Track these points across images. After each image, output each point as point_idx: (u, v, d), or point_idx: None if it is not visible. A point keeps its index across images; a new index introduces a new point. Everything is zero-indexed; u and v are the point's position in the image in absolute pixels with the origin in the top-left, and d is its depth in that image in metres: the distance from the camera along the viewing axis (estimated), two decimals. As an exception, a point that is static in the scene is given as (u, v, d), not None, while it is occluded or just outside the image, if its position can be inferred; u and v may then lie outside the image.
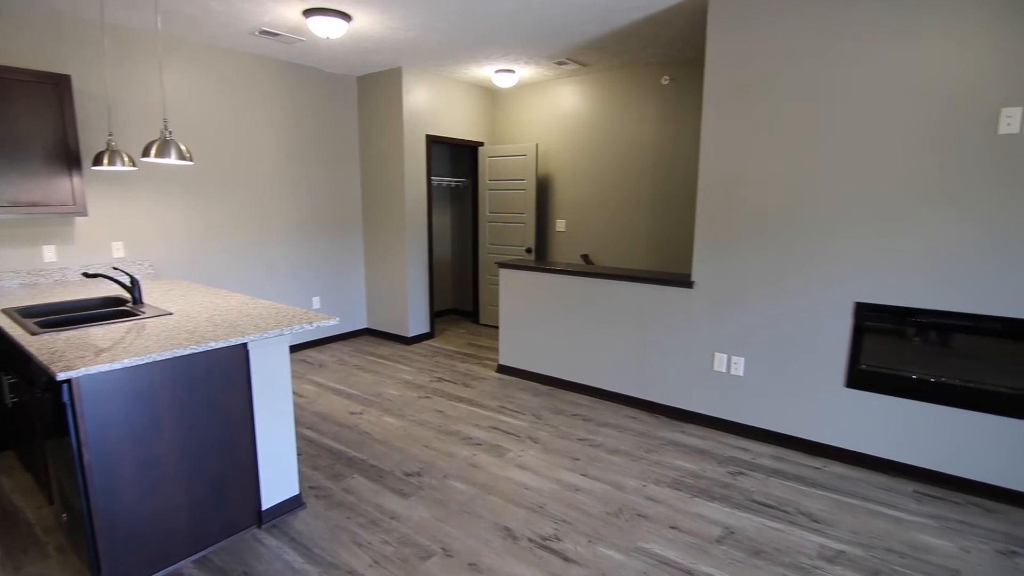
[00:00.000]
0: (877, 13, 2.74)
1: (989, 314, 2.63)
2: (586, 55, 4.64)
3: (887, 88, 2.75)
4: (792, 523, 2.51)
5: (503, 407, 3.85)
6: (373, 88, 5.30)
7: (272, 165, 4.84)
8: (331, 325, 5.24)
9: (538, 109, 5.71)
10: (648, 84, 4.96)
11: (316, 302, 5.32)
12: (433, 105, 5.39)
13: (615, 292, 3.82)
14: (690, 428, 3.52)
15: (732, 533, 2.43)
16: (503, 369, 4.57)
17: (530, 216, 5.63)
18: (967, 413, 2.74)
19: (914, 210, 2.75)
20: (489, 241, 6.03)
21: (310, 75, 5.03)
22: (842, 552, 2.31)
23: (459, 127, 5.72)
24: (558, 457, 3.12)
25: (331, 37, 3.91)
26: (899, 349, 2.91)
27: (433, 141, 5.48)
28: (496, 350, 5.27)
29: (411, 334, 5.46)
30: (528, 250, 5.70)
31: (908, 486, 2.84)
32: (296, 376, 4.49)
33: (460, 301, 6.88)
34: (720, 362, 3.42)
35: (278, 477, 2.53)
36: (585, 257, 5.53)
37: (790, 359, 3.19)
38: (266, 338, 2.32)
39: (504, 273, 4.43)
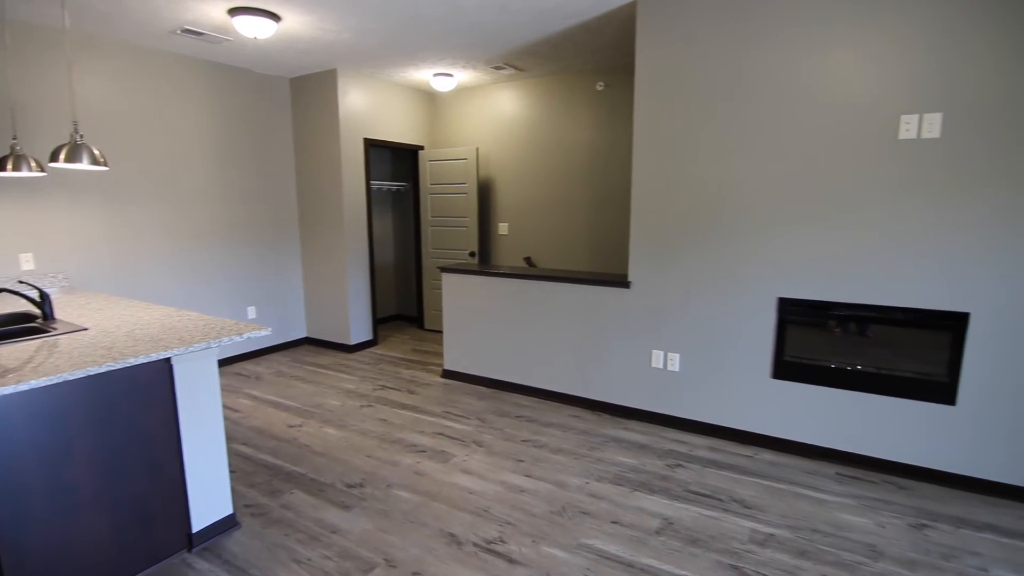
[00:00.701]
0: (791, 27, 2.91)
1: (895, 305, 2.85)
2: (523, 60, 4.70)
3: (802, 97, 2.93)
4: (726, 510, 2.62)
5: (448, 412, 3.83)
6: (307, 90, 5.16)
7: (201, 170, 4.62)
8: (267, 335, 5.07)
9: (478, 113, 5.72)
10: (584, 90, 5.07)
11: (251, 312, 5.12)
12: (371, 108, 5.30)
13: (556, 294, 3.88)
14: (632, 424, 3.62)
15: (670, 524, 2.51)
16: (448, 374, 4.54)
17: (472, 220, 5.63)
18: (880, 398, 2.95)
19: (828, 211, 2.94)
20: (432, 245, 5.98)
21: (240, 76, 4.84)
22: (772, 535, 2.43)
23: (398, 131, 5.66)
24: (503, 459, 3.13)
25: (259, 37, 3.78)
26: (820, 340, 3.09)
27: (372, 145, 5.39)
28: (441, 355, 5.23)
29: (353, 342, 5.34)
30: (471, 254, 5.69)
31: (831, 469, 3.03)
32: (230, 390, 4.30)
33: (404, 307, 6.79)
34: (657, 359, 3.54)
35: (209, 497, 2.41)
36: (528, 260, 5.58)
37: (722, 353, 3.33)
38: (192, 352, 2.22)
39: (447, 278, 4.41)
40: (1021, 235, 2.55)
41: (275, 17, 3.58)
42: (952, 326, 2.74)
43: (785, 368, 3.16)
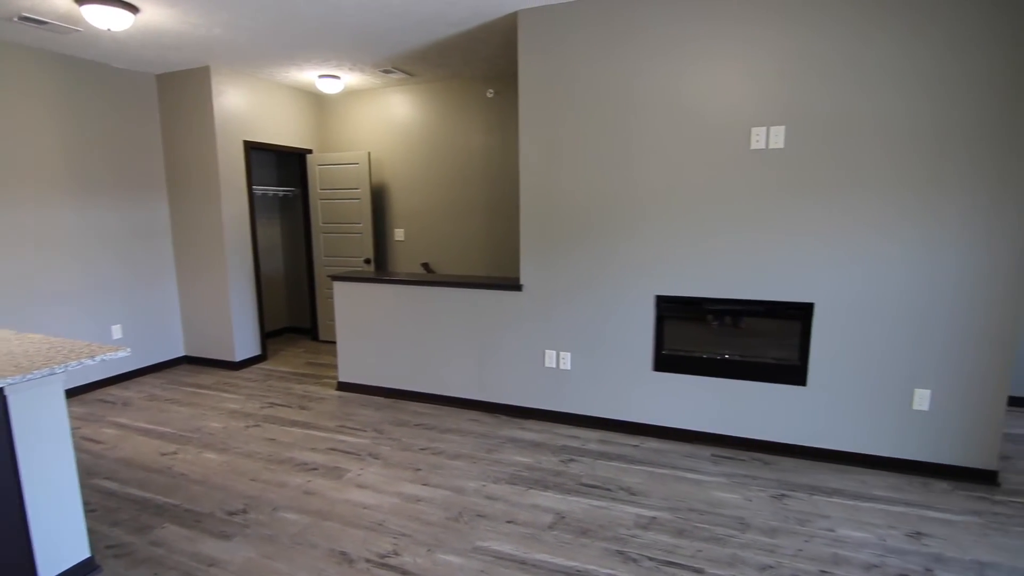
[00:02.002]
0: (659, 47, 3.13)
1: (756, 299, 3.15)
2: (411, 65, 4.66)
3: (670, 110, 3.17)
4: (614, 499, 2.76)
5: (343, 426, 3.69)
6: (177, 88, 4.77)
7: (49, 173, 4.11)
8: (134, 356, 4.62)
9: (369, 116, 5.59)
10: (475, 96, 5.13)
11: (117, 331, 4.63)
12: (252, 109, 5.00)
13: (452, 299, 3.88)
14: (528, 424, 3.70)
15: (563, 518, 2.60)
16: (343, 386, 4.39)
17: (367, 226, 5.49)
18: (747, 383, 3.24)
19: (695, 214, 3.20)
20: (325, 253, 5.75)
21: (95, 70, 4.37)
22: (654, 518, 2.60)
23: (284, 133, 5.38)
24: (400, 470, 3.08)
25: (114, 29, 3.43)
26: (696, 333, 3.35)
27: (253, 147, 5.09)
28: (337, 367, 5.04)
29: (239, 358, 5.00)
30: (367, 260, 5.54)
31: (707, 451, 3.29)
32: (92, 419, 3.86)
33: (297, 318, 6.46)
34: (550, 358, 3.65)
35: (60, 542, 2.14)
36: (426, 266, 5.53)
37: (608, 350, 3.50)
38: (31, 380, 1.96)
39: (338, 286, 4.26)
40: (853, 233, 2.92)
41: (132, 8, 3.28)
42: (801, 315, 3.08)
43: (664, 361, 3.39)
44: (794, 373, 3.13)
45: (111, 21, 3.25)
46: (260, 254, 6.08)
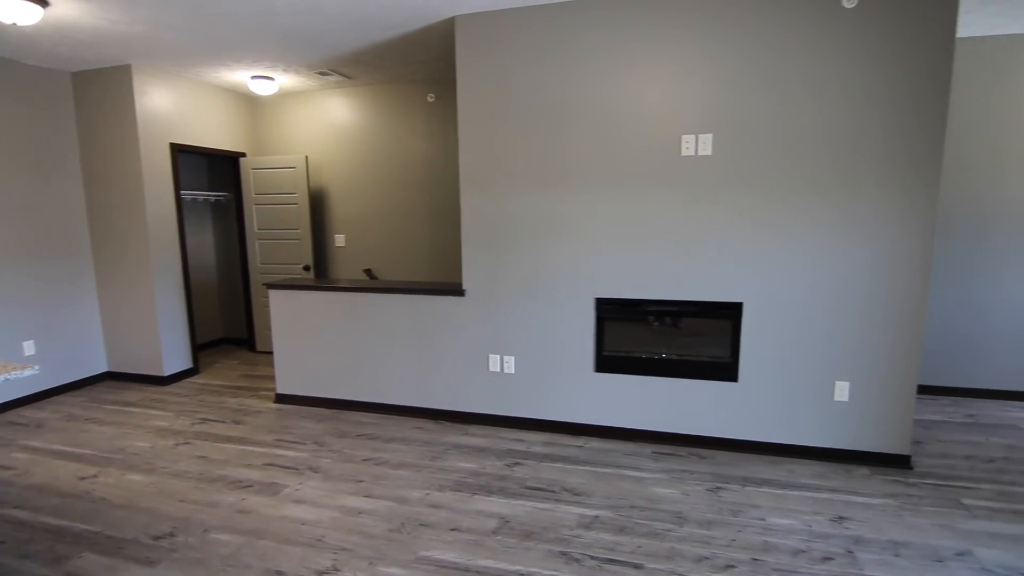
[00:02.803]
0: (595, 56, 3.20)
1: (690, 299, 3.27)
2: (349, 68, 4.57)
3: (607, 118, 3.24)
4: (558, 500, 2.79)
5: (280, 440, 3.56)
6: (95, 87, 4.48)
7: (-57, 179, 3.77)
8: (48, 374, 4.31)
9: (306, 119, 5.44)
10: (416, 100, 5.08)
11: (29, 347, 4.29)
12: (179, 110, 4.76)
13: (394, 305, 3.82)
14: (473, 429, 3.68)
15: (507, 522, 2.60)
16: (282, 398, 4.23)
17: (305, 232, 5.33)
18: (684, 381, 3.36)
19: (631, 218, 3.28)
20: (261, 260, 5.54)
21: (2, 68, 4.05)
22: (597, 517, 2.64)
23: (215, 136, 5.16)
24: (341, 483, 2.99)
25: (20, 24, 3.19)
26: (635, 334, 3.44)
27: (181, 150, 4.85)
28: (275, 378, 4.86)
29: (168, 372, 4.73)
30: (306, 267, 5.38)
31: (648, 448, 3.37)
32: (1, 444, 3.56)
33: (232, 328, 6.19)
34: (494, 363, 3.65)
35: (-43, 581, 1.96)
36: (368, 272, 5.43)
37: (551, 352, 3.54)
38: (-81, 405, 1.79)
39: (275, 295, 4.11)
40: (776, 235, 3.08)
41: (41, 1, 3.07)
42: (731, 315, 3.22)
43: (605, 362, 3.46)
44: (726, 370, 3.27)
45: (17, 15, 3.03)
46: (191, 262, 5.80)
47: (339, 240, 5.50)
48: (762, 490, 2.88)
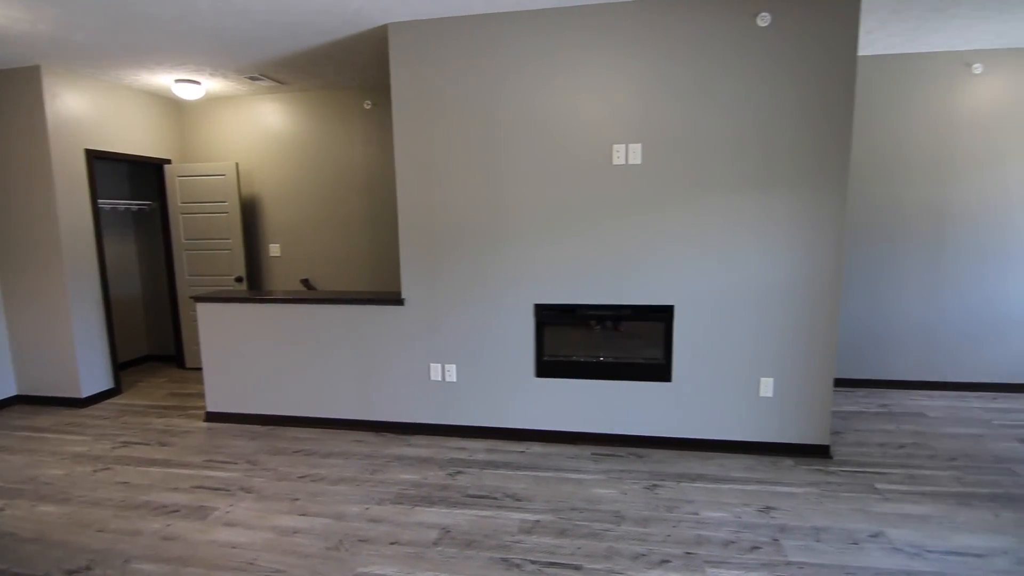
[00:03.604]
0: (528, 65, 3.26)
1: (625, 303, 3.37)
2: (281, 73, 4.44)
3: (541, 127, 3.30)
4: (500, 507, 2.80)
5: (211, 460, 3.40)
6: (-4, 90, 4.16)
7: None
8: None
9: (237, 125, 5.24)
10: (352, 106, 5.00)
11: (-79, 373, 3.91)
12: (96, 114, 4.49)
13: (332, 316, 3.73)
14: (416, 439, 3.64)
15: (448, 532, 2.59)
16: (212, 417, 4.04)
17: (237, 241, 5.12)
18: (622, 383, 3.44)
19: (567, 226, 3.35)
20: (189, 272, 5.28)
21: None
22: (538, 522, 2.66)
23: (136, 142, 4.89)
24: (275, 502, 2.89)
25: (-96, 19, 2.93)
26: (575, 338, 3.50)
27: (98, 157, 4.56)
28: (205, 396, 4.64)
29: (86, 393, 4.43)
30: (239, 279, 5.17)
31: (589, 451, 3.44)
32: None
33: (159, 344, 5.86)
34: (436, 372, 3.63)
35: None
36: (306, 282, 5.28)
37: (493, 359, 3.56)
38: None
39: (203, 308, 3.93)
40: (702, 240, 3.22)
41: (-72, -5, 2.83)
42: (663, 317, 3.34)
43: (545, 367, 3.50)
44: (660, 371, 3.38)
45: (-101, 9, 2.77)
46: (112, 275, 5.46)
47: (274, 250, 5.32)
48: (696, 485, 3.00)
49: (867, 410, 4.04)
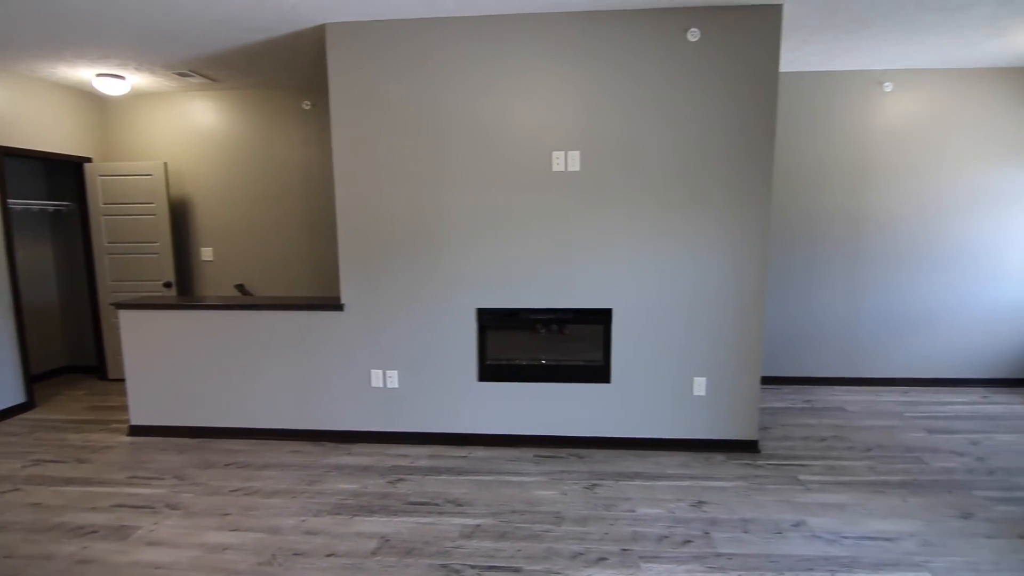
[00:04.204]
0: (470, 70, 3.27)
1: (566, 307, 3.43)
2: (213, 70, 4.27)
3: (482, 133, 3.32)
4: (440, 513, 2.78)
5: (134, 477, 3.21)
6: None
7: None
8: None
9: (166, 123, 4.99)
10: (291, 106, 4.87)
11: None
12: (6, 108, 4.17)
13: (268, 323, 3.61)
14: (356, 448, 3.57)
15: (387, 541, 2.55)
16: (137, 430, 3.82)
17: (166, 245, 4.87)
18: (563, 385, 3.50)
19: (508, 231, 3.38)
20: (112, 277, 4.98)
21: None
22: (479, 526, 2.67)
23: (53, 138, 4.57)
24: (204, 518, 2.76)
25: None
26: (515, 342, 3.53)
27: (8, 154, 4.24)
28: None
29: (-7, 409, 4.09)
30: (167, 284, 4.92)
31: (531, 453, 3.47)
32: None
33: (78, 355, 5.48)
34: (377, 378, 3.57)
35: None
36: (241, 287, 5.08)
37: (435, 365, 3.54)
38: None
39: (126, 315, 3.71)
40: (638, 245, 3.33)
41: None
42: (603, 320, 3.42)
43: (488, 371, 3.51)
44: (600, 372, 3.46)
45: None
46: (23, 280, 5.07)
47: (206, 254, 5.10)
48: (633, 483, 3.08)
49: (793, 406, 4.27)
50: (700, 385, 3.41)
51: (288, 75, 4.46)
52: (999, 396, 4.46)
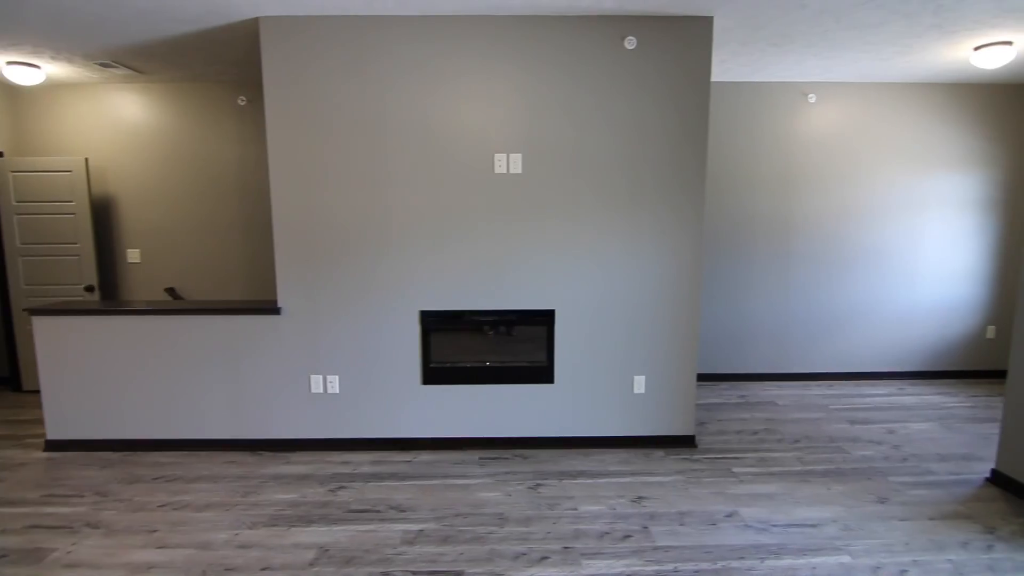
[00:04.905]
0: (408, 69, 3.23)
1: (509, 308, 3.44)
2: (138, 61, 4.04)
3: (426, 134, 3.29)
4: (382, 520, 2.74)
5: (50, 496, 3.00)
6: None
7: None
8: None
9: (88, 117, 4.68)
10: (226, 102, 4.67)
11: None
12: None
13: (200, 328, 3.45)
14: (296, 456, 3.46)
15: (326, 551, 2.49)
16: (54, 445, 3.56)
17: (87, 246, 4.57)
18: (507, 386, 3.52)
19: (451, 233, 3.37)
20: (26, 281, 4.63)
21: None
22: (421, 531, 2.64)
23: (-48, 131, 4.21)
24: (128, 536, 2.61)
25: None
26: (460, 344, 3.52)
27: (-100, 148, 3.87)
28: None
29: None
30: (89, 288, 4.62)
31: (476, 455, 3.47)
32: None
33: (-12, 365, 5.07)
34: (317, 384, 3.48)
35: None
36: (171, 291, 4.83)
37: (378, 369, 3.48)
38: None
39: (40, 322, 3.46)
40: (579, 247, 3.39)
41: None
42: (546, 321, 3.46)
43: (432, 374, 3.49)
44: (544, 373, 3.50)
45: None
46: (-78, 286, 4.64)
47: (132, 256, 4.82)
48: (576, 481, 3.13)
49: (728, 401, 4.46)
50: (640, 383, 3.50)
51: (222, 69, 4.29)
52: (914, 388, 4.81)
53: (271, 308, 3.40)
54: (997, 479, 3.07)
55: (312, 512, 2.81)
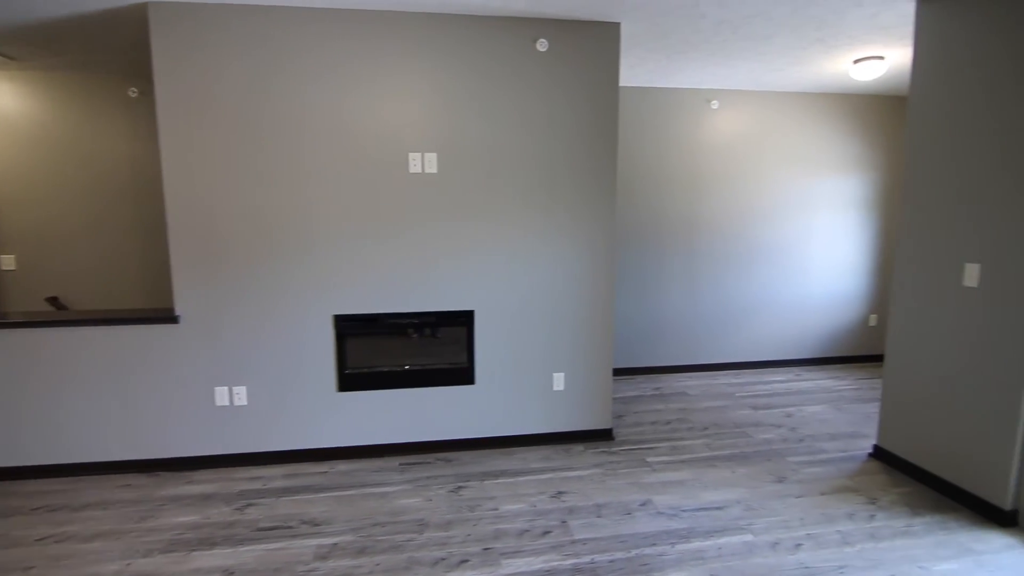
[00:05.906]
0: (316, 64, 3.11)
1: (428, 310, 3.40)
2: (7, 46, 3.63)
3: (334, 132, 3.17)
4: (294, 536, 2.61)
5: (-101, 537, 2.63)
6: None
7: None
8: None
9: (-56, 107, 4.15)
10: (115, 95, 4.29)
11: None
12: None
13: (86, 341, 3.14)
14: (199, 475, 3.24)
15: (231, 575, 2.34)
16: (-94, 479, 3.13)
17: (-52, 253, 4.05)
18: (427, 389, 3.47)
19: (365, 233, 3.28)
20: None
21: None
22: (336, 544, 2.54)
23: None
24: (-3, 576, 2.33)
25: None
26: (376, 348, 3.43)
27: None
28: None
29: None
30: (-49, 301, 4.09)
31: (396, 461, 3.39)
32: None
33: None
34: (222, 396, 3.27)
35: None
36: (54, 300, 4.37)
37: (289, 377, 3.32)
38: None
39: None
40: (497, 247, 3.40)
41: None
42: (466, 322, 3.44)
43: (348, 380, 3.38)
44: (464, 374, 3.48)
45: None
46: None
47: (7, 262, 4.32)
48: (498, 481, 3.14)
49: (644, 393, 4.63)
50: (560, 380, 3.56)
51: (108, 57, 3.93)
52: (809, 373, 5.21)
53: (168, 317, 3.15)
54: (878, 454, 3.38)
55: (216, 534, 2.63)
